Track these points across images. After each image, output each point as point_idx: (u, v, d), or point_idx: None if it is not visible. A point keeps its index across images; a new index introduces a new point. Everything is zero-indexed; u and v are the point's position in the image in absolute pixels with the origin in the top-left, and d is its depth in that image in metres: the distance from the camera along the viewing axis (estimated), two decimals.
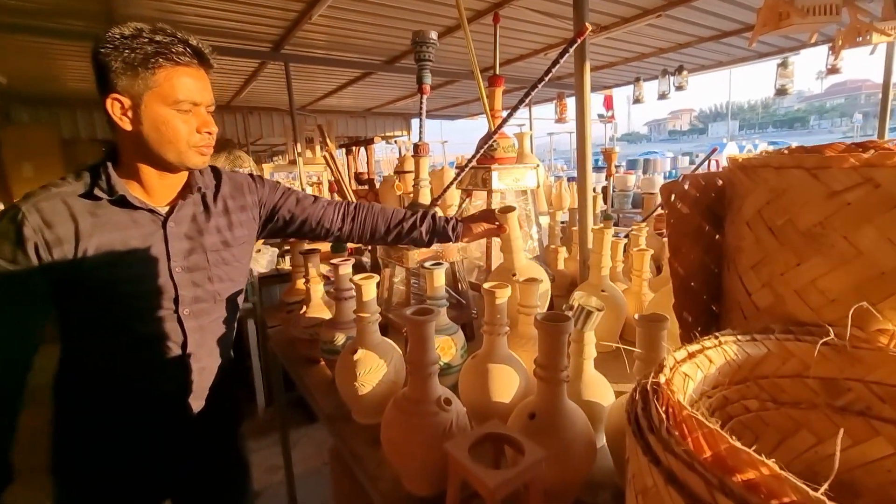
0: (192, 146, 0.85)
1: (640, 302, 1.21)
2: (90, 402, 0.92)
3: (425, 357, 0.68)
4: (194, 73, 0.83)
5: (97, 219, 0.82)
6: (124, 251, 0.84)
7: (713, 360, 0.40)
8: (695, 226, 0.59)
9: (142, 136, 0.82)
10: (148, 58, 0.78)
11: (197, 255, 0.92)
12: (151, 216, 0.88)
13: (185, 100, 0.81)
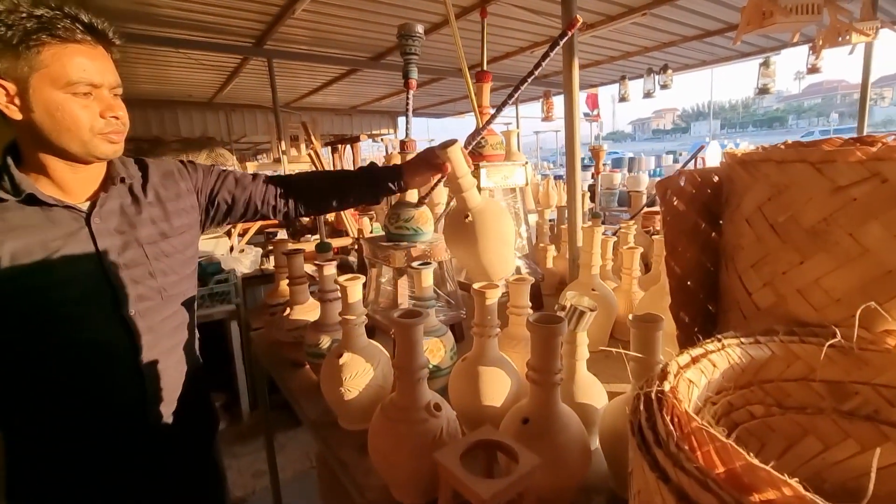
0: (96, 133, 0.77)
1: (631, 300, 1.20)
2: (43, 424, 0.85)
3: (414, 362, 0.65)
4: (89, 51, 0.75)
5: (5, 223, 0.75)
6: (45, 255, 0.76)
7: (717, 365, 0.39)
8: (691, 223, 0.57)
9: (35, 125, 0.73)
10: (28, 34, 0.70)
11: (132, 250, 0.85)
12: (71, 213, 0.80)
13: (79, 81, 0.73)
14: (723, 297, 0.55)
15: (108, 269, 0.82)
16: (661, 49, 4.51)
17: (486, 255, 0.97)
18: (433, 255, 1.19)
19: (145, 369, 0.88)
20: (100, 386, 0.85)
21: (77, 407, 0.85)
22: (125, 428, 0.89)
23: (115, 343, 0.84)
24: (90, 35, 0.75)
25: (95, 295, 0.82)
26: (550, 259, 1.70)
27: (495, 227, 0.97)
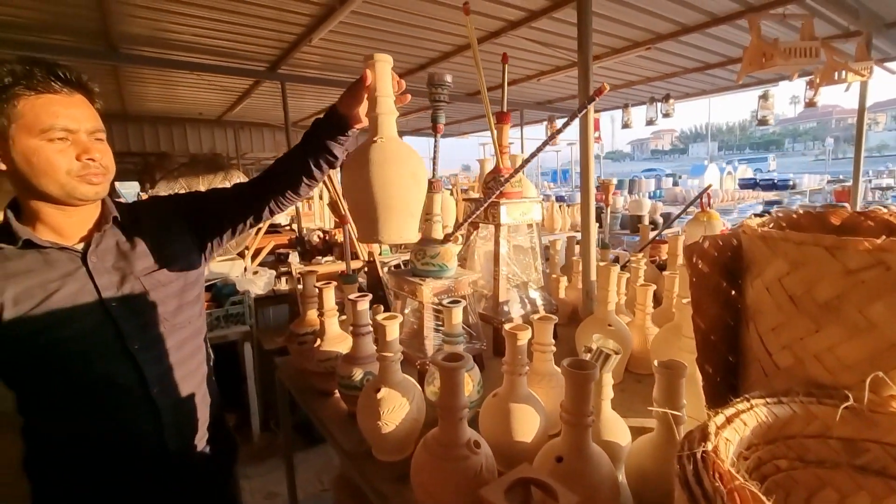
0: (73, 176, 0.81)
1: (645, 335, 1.26)
2: (66, 461, 0.89)
3: (457, 402, 0.71)
4: (64, 99, 0.81)
5: (6, 269, 0.80)
6: (44, 295, 0.81)
7: (747, 423, 0.44)
8: (714, 283, 0.63)
9: (18, 173, 0.79)
10: (5, 89, 0.76)
11: (130, 283, 0.90)
12: (67, 254, 0.85)
13: (52, 127, 0.78)
14: (744, 353, 0.61)
15: (109, 305, 0.87)
16: (664, 79, 4.66)
17: (391, 188, 0.83)
18: (457, 290, 1.25)
19: (158, 400, 0.91)
20: (116, 420, 0.89)
21: (97, 442, 0.89)
22: (146, 459, 0.93)
23: (126, 376, 0.88)
24: (66, 86, 0.81)
25: (99, 330, 0.86)
26: (562, 289, 1.76)
27: (409, 157, 0.87)
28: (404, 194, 0.86)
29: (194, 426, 1.01)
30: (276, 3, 2.79)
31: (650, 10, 2.92)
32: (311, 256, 3.42)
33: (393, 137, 0.88)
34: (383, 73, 0.88)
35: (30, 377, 0.85)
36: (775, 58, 2.15)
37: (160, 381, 0.92)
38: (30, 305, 0.80)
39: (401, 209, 0.86)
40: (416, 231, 0.92)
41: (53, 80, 0.80)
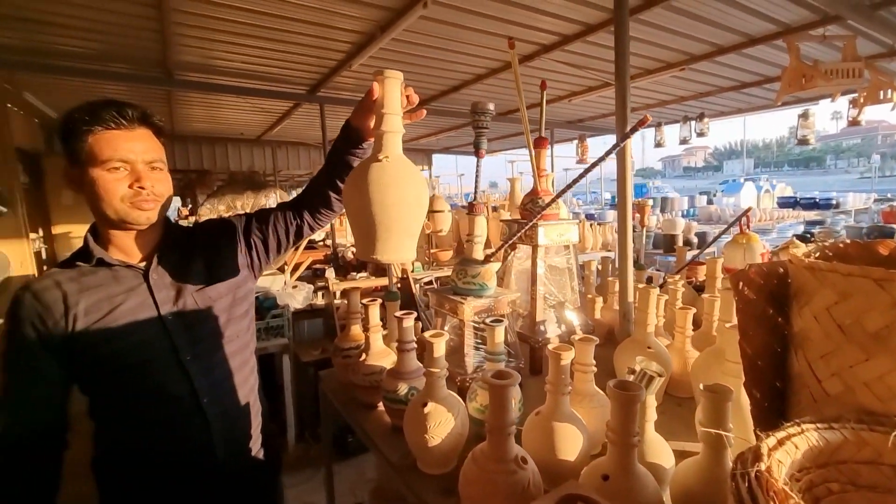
0: (124, 200, 0.89)
1: (684, 358, 1.26)
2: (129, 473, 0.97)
3: (506, 418, 0.74)
4: (125, 134, 0.90)
5: (81, 284, 0.90)
6: (110, 308, 0.90)
7: (798, 447, 0.47)
8: (760, 309, 0.65)
9: (87, 199, 0.90)
10: (80, 127, 0.87)
11: (183, 298, 0.98)
12: (132, 271, 0.95)
13: (111, 158, 0.87)
14: (793, 380, 0.62)
15: (165, 318, 0.95)
16: (698, 98, 4.62)
17: (390, 209, 0.82)
18: (496, 309, 1.29)
19: (208, 410, 0.98)
20: (169, 429, 0.96)
21: (152, 449, 0.96)
22: (196, 467, 0.99)
23: (178, 387, 0.95)
24: (130, 122, 0.91)
25: (155, 342, 0.94)
26: (598, 310, 1.76)
27: (412, 178, 0.86)
28: (403, 215, 0.84)
29: (242, 436, 1.08)
30: (320, 32, 2.95)
31: (684, 33, 2.94)
32: (346, 272, 3.52)
33: (397, 156, 0.87)
34: (392, 89, 0.87)
35: (96, 384, 0.94)
36: (816, 79, 2.13)
37: (210, 392, 0.99)
38: (97, 316, 0.89)
39: (399, 230, 0.84)
40: (413, 251, 0.91)
41: (118, 118, 0.90)
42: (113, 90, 4.25)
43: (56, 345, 0.87)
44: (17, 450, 0.87)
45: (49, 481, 0.91)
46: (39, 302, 0.87)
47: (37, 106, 4.47)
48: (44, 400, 0.90)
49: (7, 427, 0.87)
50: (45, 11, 2.58)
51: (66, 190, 5.53)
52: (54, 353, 0.88)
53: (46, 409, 0.90)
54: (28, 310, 0.86)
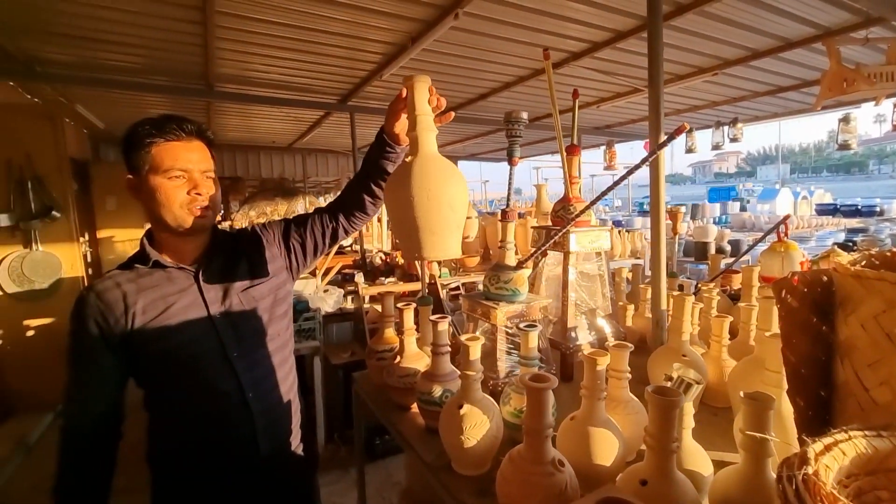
0: (183, 206, 0.96)
1: (720, 368, 1.24)
2: (179, 463, 1.03)
3: (543, 421, 0.76)
4: (185, 145, 0.97)
5: (139, 284, 0.97)
6: (164, 307, 0.97)
7: (846, 453, 0.47)
8: (803, 317, 0.65)
9: (147, 205, 0.97)
10: (144, 138, 0.94)
11: (230, 298, 1.04)
12: (184, 273, 1.02)
13: (172, 167, 0.95)
14: (839, 388, 0.62)
15: (214, 317, 1.01)
16: (731, 103, 4.52)
17: (431, 206, 0.82)
18: (528, 314, 1.30)
19: (253, 405, 1.03)
20: (218, 422, 1.02)
21: (201, 442, 1.02)
22: (241, 460, 1.04)
23: (226, 382, 1.01)
24: (187, 134, 0.98)
25: (204, 339, 0.99)
26: (630, 317, 1.75)
27: (451, 174, 0.85)
28: (444, 211, 0.83)
29: (283, 432, 1.12)
30: (352, 43, 3.05)
31: (718, 38, 2.90)
32: (375, 276, 3.58)
33: (432, 154, 0.87)
34: (420, 92, 0.89)
35: (151, 377, 1.01)
36: (858, 83, 2.07)
37: (254, 388, 1.04)
38: (153, 314, 0.96)
39: (441, 227, 0.84)
40: (458, 247, 0.90)
41: (178, 131, 0.97)
42: (157, 101, 4.48)
43: (116, 341, 0.94)
44: (81, 438, 0.94)
45: (107, 468, 0.98)
46: (102, 301, 0.94)
47: (86, 117, 4.74)
48: (105, 393, 0.97)
49: (73, 417, 0.95)
50: (98, 30, 2.75)
51: (110, 196, 5.84)
52: (115, 349, 0.95)
53: (107, 402, 0.97)
54: (92, 308, 0.94)
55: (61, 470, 0.94)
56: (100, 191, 5.69)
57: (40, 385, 3.14)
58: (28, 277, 3.09)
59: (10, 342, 3.14)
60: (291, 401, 1.15)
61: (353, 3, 2.46)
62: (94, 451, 0.96)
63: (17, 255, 3.09)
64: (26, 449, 2.70)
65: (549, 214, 1.64)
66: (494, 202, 21.41)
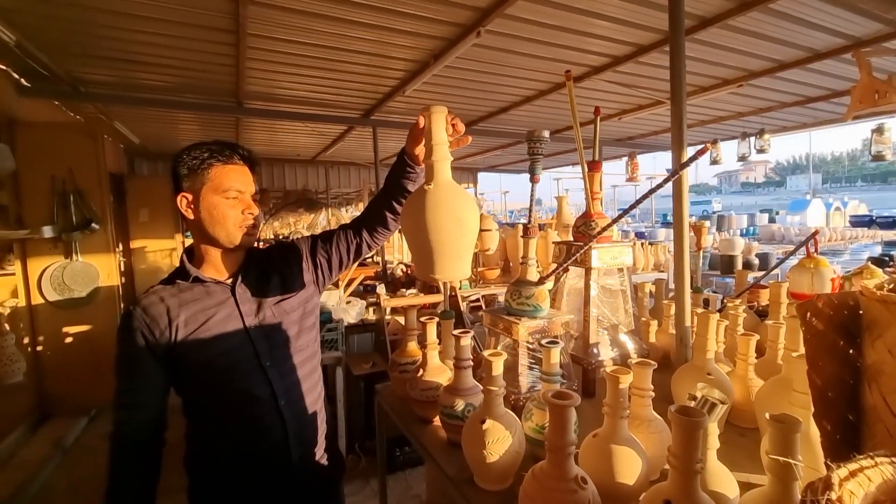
0: (238, 226, 1.04)
1: (747, 387, 1.22)
2: (216, 466, 1.07)
3: (566, 438, 0.77)
4: (238, 169, 1.05)
5: (181, 298, 1.03)
6: (205, 319, 1.03)
7: (872, 479, 0.47)
8: (829, 341, 0.65)
9: (201, 222, 1.03)
10: (203, 161, 1.02)
11: (263, 310, 1.09)
12: (221, 287, 1.07)
13: (230, 188, 1.03)
14: (867, 413, 0.61)
15: (249, 328, 1.06)
16: (758, 114, 4.44)
17: (442, 232, 0.88)
18: (550, 330, 1.31)
19: (285, 411, 1.08)
20: (253, 427, 1.06)
21: (238, 446, 1.06)
22: (274, 465, 1.08)
23: (260, 389, 1.06)
24: (241, 160, 1.06)
25: (241, 348, 1.05)
26: (653, 333, 1.73)
27: (462, 202, 0.90)
28: (455, 237, 0.89)
29: (313, 438, 1.16)
30: (376, 61, 3.14)
31: (742, 50, 2.87)
32: (396, 288, 3.62)
33: (445, 183, 0.92)
34: (437, 122, 0.93)
35: (191, 385, 1.06)
36: (890, 95, 2.02)
37: (286, 395, 1.09)
38: (195, 326, 1.02)
39: (452, 251, 0.90)
40: (467, 269, 0.95)
41: (233, 156, 1.06)
42: (188, 118, 4.68)
43: (161, 352, 1.00)
44: (130, 444, 1.00)
45: (154, 471, 1.03)
46: (148, 315, 1.00)
47: (122, 132, 4.98)
48: (152, 401, 1.02)
49: (121, 424, 1.00)
50: (138, 52, 2.91)
51: (143, 208, 6.07)
52: (160, 359, 1.00)
53: (154, 409, 1.03)
54: (139, 322, 1.00)
55: (113, 474, 0.99)
56: (134, 203, 5.95)
57: (76, 390, 3.29)
58: (68, 286, 3.24)
59: (49, 348, 3.29)
60: (319, 409, 1.19)
61: (376, 24, 2.54)
62: (144, 455, 1.02)
63: (58, 265, 3.25)
64: (63, 451, 2.81)
65: (571, 228, 1.65)
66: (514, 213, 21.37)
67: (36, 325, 3.27)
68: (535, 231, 1.35)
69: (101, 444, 3.18)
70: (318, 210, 6.74)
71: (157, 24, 2.51)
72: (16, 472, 2.53)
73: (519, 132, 5.28)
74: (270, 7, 2.34)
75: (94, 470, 2.68)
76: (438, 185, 0.92)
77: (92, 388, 3.32)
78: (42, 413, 3.23)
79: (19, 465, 2.60)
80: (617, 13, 2.44)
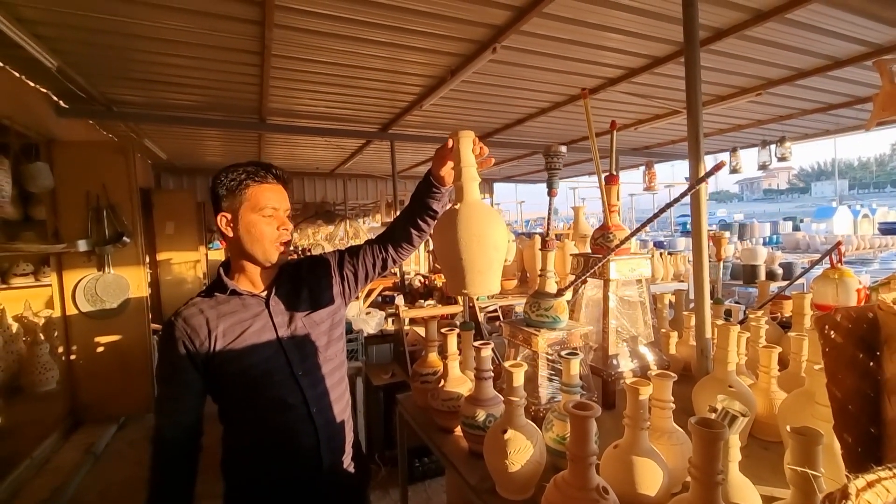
0: (273, 242, 1.09)
1: (770, 400, 1.21)
2: (250, 472, 1.11)
3: (587, 448, 0.79)
4: (274, 188, 1.10)
5: (219, 311, 1.08)
6: (241, 330, 1.08)
7: (890, 490, 0.48)
8: (849, 354, 0.66)
9: (239, 240, 1.08)
10: (241, 182, 1.07)
11: (295, 322, 1.14)
12: (256, 300, 1.12)
13: (266, 206, 1.08)
14: (887, 426, 0.62)
15: (282, 339, 1.11)
16: (778, 121, 4.39)
17: (472, 250, 0.93)
18: (569, 341, 1.33)
19: (316, 419, 1.12)
20: (286, 434, 1.10)
21: (271, 452, 1.10)
22: (306, 470, 1.12)
23: (293, 397, 1.10)
24: (276, 179, 1.12)
25: (274, 358, 1.09)
26: (673, 345, 1.73)
27: (491, 220, 0.95)
28: (484, 254, 0.93)
29: (342, 445, 1.20)
30: (394, 77, 3.22)
31: (760, 59, 2.86)
32: (414, 299, 3.66)
33: (474, 202, 0.97)
34: (465, 146, 1.00)
35: (227, 393, 1.11)
36: None
37: (317, 403, 1.13)
38: (232, 337, 1.07)
39: (484, 267, 0.94)
40: (497, 284, 0.99)
41: (268, 175, 1.11)
42: (213, 134, 4.84)
43: (200, 361, 1.05)
44: (173, 448, 1.05)
45: (193, 475, 1.08)
46: (188, 326, 1.06)
47: (151, 149, 5.18)
48: (191, 407, 1.08)
49: (164, 429, 1.06)
50: (167, 74, 3.05)
51: (169, 221, 6.26)
52: (198, 367, 1.06)
53: (193, 415, 1.08)
54: (180, 332, 1.05)
55: (155, 476, 1.05)
56: (160, 216, 6.16)
57: (107, 398, 3.40)
58: (101, 297, 3.37)
59: (82, 357, 3.42)
60: (347, 417, 1.23)
61: (393, 42, 2.62)
62: (184, 459, 1.07)
63: (91, 277, 3.38)
64: (94, 458, 2.90)
65: (588, 239, 1.67)
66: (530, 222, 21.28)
67: (70, 335, 3.40)
68: (552, 244, 1.38)
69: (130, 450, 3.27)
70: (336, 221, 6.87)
71: (186, 47, 2.63)
72: (51, 476, 2.63)
73: (534, 143, 5.32)
74: (293, 30, 2.44)
75: (123, 475, 2.78)
76: (467, 204, 0.97)
77: (121, 396, 3.43)
78: (74, 420, 3.34)
79: (54, 471, 2.70)
80: (631, 27, 2.47)
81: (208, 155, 6.25)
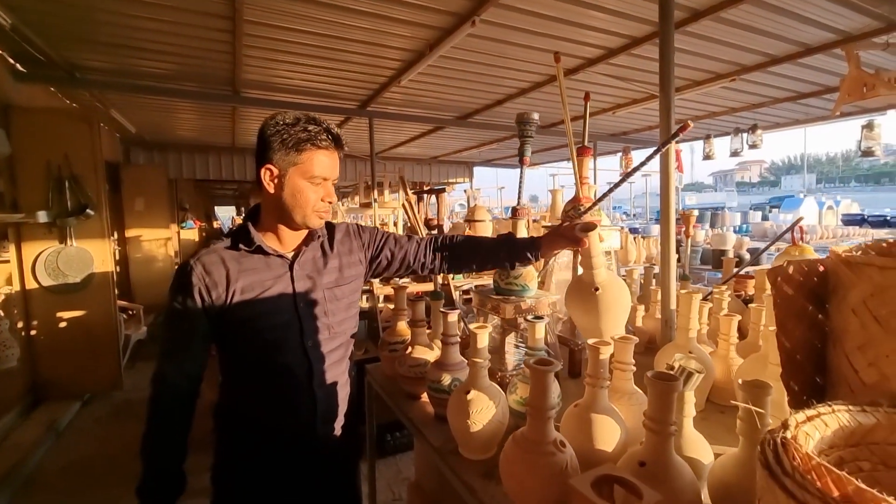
0: (314, 211, 1.04)
1: (728, 366, 1.25)
2: (244, 429, 1.09)
3: (546, 402, 0.79)
4: (330, 154, 1.03)
5: (241, 265, 1.03)
6: (261, 290, 1.03)
7: (828, 424, 0.49)
8: (799, 305, 0.67)
9: (281, 200, 1.02)
10: (300, 142, 0.99)
11: (315, 292, 1.09)
12: (281, 261, 1.07)
13: (318, 175, 1.02)
14: (832, 372, 0.64)
15: (299, 306, 1.07)
16: (750, 109, 4.48)
17: (607, 324, 1.19)
18: (537, 309, 1.33)
19: (318, 391, 1.10)
20: (287, 403, 1.09)
21: (268, 414, 1.09)
22: (301, 438, 1.10)
23: (299, 367, 1.07)
24: (334, 143, 1.04)
25: (289, 325, 1.06)
26: (640, 318, 1.76)
27: (620, 301, 1.20)
28: (620, 318, 1.24)
29: (335, 418, 1.18)
30: (372, 50, 3.14)
31: (735, 44, 2.90)
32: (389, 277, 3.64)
33: (609, 284, 1.22)
34: (596, 241, 1.19)
35: (235, 348, 1.08)
36: (878, 88, 2.05)
37: (320, 375, 1.11)
38: (251, 295, 1.03)
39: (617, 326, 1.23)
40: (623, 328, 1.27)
41: (330, 141, 1.03)
42: (186, 106, 4.66)
43: (215, 312, 1.01)
44: (174, 391, 1.02)
45: (189, 420, 1.06)
46: (208, 274, 1.01)
47: (119, 121, 4.96)
48: (197, 354, 1.04)
49: (168, 374, 1.02)
50: (134, 38, 2.90)
51: (138, 197, 6.03)
52: (211, 318, 1.02)
53: (197, 362, 1.05)
54: (198, 278, 1.00)
55: (153, 418, 1.02)
56: (129, 192, 5.92)
57: (70, 374, 3.29)
58: (62, 271, 3.24)
59: (43, 333, 3.30)
60: (345, 390, 1.21)
61: (373, 12, 2.55)
62: (183, 405, 1.04)
63: (52, 250, 3.24)
64: (56, 434, 2.82)
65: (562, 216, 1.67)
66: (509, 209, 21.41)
67: (30, 311, 3.27)
68: (523, 212, 1.37)
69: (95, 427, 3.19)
70: None
71: (153, 8, 2.50)
72: (10, 453, 2.54)
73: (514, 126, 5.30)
74: None
75: (87, 451, 2.71)
76: (605, 286, 1.21)
77: (86, 373, 3.33)
78: (35, 397, 3.24)
79: (13, 447, 2.61)
80: (611, 4, 2.46)
81: (180, 129, 6.02)
